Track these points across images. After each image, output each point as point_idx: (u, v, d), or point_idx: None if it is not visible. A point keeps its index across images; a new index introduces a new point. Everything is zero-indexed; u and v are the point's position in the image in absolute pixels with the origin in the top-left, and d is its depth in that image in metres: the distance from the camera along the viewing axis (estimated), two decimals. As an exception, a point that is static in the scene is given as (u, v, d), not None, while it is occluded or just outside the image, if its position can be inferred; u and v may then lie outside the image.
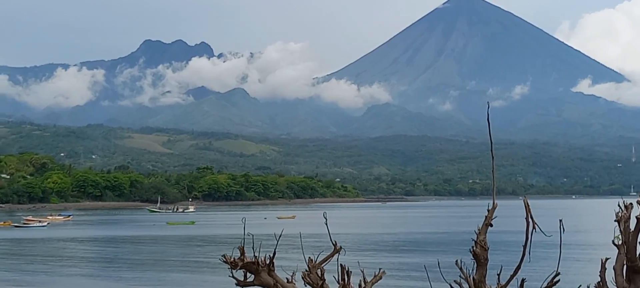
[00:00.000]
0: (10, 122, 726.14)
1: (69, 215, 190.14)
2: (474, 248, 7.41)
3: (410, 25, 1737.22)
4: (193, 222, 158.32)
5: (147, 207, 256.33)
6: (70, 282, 59.91)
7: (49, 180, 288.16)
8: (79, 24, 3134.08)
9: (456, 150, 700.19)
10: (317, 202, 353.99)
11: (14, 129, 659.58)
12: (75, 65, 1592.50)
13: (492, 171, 7.78)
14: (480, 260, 7.44)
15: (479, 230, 7.38)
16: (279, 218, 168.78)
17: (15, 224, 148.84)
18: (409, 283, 53.55)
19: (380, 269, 8.76)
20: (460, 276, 7.51)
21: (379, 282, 8.64)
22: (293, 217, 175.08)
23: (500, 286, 7.36)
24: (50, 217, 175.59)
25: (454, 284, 7.54)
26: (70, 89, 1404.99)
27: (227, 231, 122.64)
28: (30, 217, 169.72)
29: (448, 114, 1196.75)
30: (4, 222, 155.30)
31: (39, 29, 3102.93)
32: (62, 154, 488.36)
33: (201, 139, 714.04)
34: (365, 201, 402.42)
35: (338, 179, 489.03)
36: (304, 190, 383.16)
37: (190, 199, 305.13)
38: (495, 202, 7.46)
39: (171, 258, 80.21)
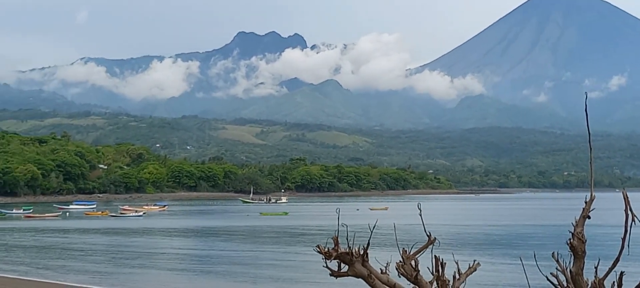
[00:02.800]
0: (107, 114, 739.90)
1: (164, 205, 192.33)
2: (571, 240, 7.38)
3: (505, 16, 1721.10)
4: (286, 213, 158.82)
5: (240, 198, 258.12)
6: (165, 272, 60.59)
7: (144, 170, 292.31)
8: (174, 17, 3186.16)
9: (551, 142, 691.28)
10: (410, 194, 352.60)
11: (111, 120, 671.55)
12: (170, 57, 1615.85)
13: (590, 163, 7.71)
14: (578, 253, 7.20)
15: (576, 222, 7.37)
16: (371, 209, 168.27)
17: (113, 214, 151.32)
18: (504, 275, 52.90)
19: (474, 261, 8.76)
20: (557, 268, 7.48)
21: (473, 273, 8.69)
22: (386, 209, 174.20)
23: (597, 279, 7.34)
24: (146, 207, 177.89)
25: (550, 277, 7.54)
26: (165, 81, 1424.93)
27: (319, 222, 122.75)
28: (126, 207, 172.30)
29: (542, 105, 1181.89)
30: (102, 212, 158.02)
31: (135, 22, 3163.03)
32: (157, 145, 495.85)
33: (294, 130, 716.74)
34: (458, 193, 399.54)
35: (431, 171, 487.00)
36: (397, 182, 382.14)
37: (282, 190, 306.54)
38: (593, 194, 7.39)
39: (265, 247, 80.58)
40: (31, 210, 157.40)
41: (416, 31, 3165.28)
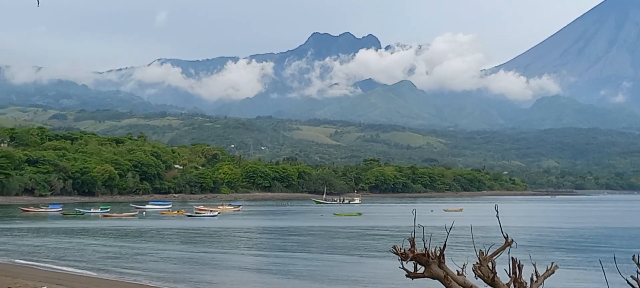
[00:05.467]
0: (183, 114, 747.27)
1: (239, 205, 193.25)
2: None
3: (581, 16, 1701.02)
4: (360, 214, 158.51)
5: (313, 198, 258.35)
6: (240, 272, 60.84)
7: (219, 171, 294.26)
8: (248, 18, 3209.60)
9: (629, 143, 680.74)
10: (485, 195, 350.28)
11: (187, 120, 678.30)
12: (245, 58, 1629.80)
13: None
14: (659, 255, 7.35)
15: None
16: (446, 210, 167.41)
17: (188, 214, 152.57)
18: (583, 277, 52.23)
19: (552, 263, 8.73)
20: (637, 271, 7.42)
21: (551, 276, 8.66)
22: (460, 210, 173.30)
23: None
24: (220, 207, 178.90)
25: (631, 280, 7.46)
26: (240, 82, 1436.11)
27: (393, 223, 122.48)
28: (201, 207, 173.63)
29: (620, 106, 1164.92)
30: (178, 212, 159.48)
31: (211, 23, 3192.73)
32: (232, 145, 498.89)
33: (368, 130, 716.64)
34: (534, 194, 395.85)
35: (506, 172, 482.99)
36: (471, 183, 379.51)
37: (355, 191, 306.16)
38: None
39: (339, 248, 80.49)
40: (108, 210, 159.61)
41: (491, 31, 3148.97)
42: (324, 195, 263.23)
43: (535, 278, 8.22)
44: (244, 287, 50.03)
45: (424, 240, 8.01)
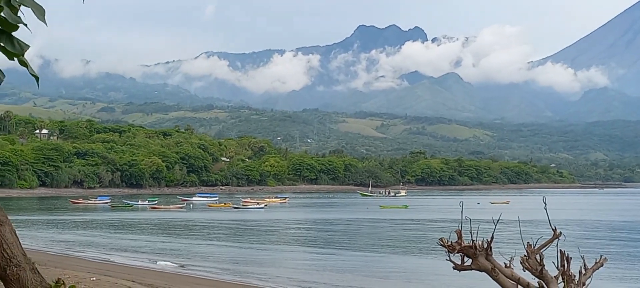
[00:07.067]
0: (229, 107, 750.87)
1: (285, 198, 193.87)
2: None
3: (630, 7, 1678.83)
4: (406, 206, 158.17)
5: (359, 191, 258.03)
6: (289, 266, 61.06)
7: (266, 163, 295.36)
8: (295, 11, 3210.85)
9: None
10: (532, 188, 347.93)
11: (234, 113, 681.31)
12: (291, 50, 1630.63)
13: None
14: None
15: None
16: (492, 203, 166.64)
17: (235, 206, 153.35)
18: (631, 273, 51.90)
19: (601, 256, 8.73)
20: None
21: (599, 269, 8.65)
22: (507, 203, 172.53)
23: None
24: (267, 199, 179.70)
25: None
26: (286, 74, 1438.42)
27: (439, 215, 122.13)
28: (248, 199, 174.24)
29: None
30: (225, 204, 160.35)
31: (257, 17, 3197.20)
32: (278, 138, 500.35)
33: (414, 123, 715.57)
34: (581, 187, 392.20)
35: (553, 165, 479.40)
36: (518, 176, 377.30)
37: (401, 183, 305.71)
38: None
39: (386, 241, 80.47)
40: (156, 202, 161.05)
41: (539, 23, 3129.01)
42: (370, 188, 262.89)
43: (583, 271, 8.40)
44: (294, 281, 50.15)
45: (471, 233, 8.12)
